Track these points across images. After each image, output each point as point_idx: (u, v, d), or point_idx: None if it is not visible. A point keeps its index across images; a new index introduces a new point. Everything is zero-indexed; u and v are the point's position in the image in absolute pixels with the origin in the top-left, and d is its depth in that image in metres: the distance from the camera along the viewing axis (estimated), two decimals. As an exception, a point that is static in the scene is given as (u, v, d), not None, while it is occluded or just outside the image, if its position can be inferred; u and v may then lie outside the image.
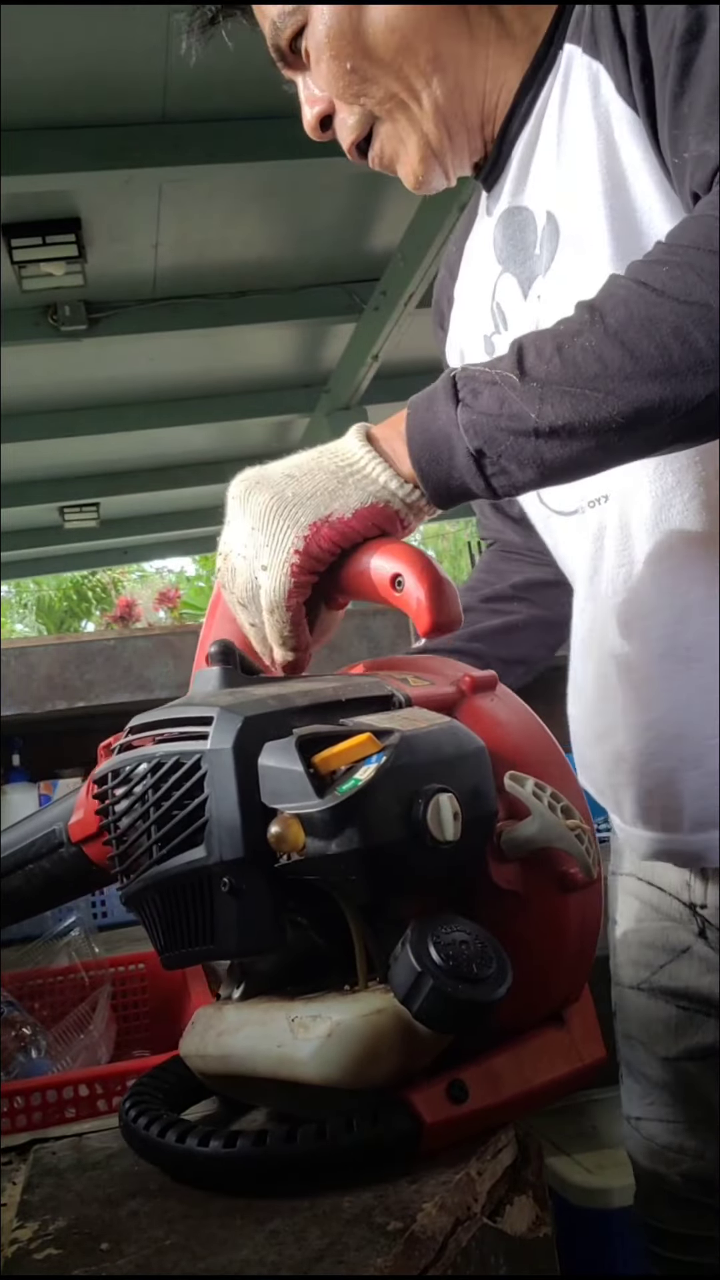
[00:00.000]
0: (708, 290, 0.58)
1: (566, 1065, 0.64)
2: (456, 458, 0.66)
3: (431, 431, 0.67)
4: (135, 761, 0.63)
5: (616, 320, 0.60)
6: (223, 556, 0.73)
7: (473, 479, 0.66)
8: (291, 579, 0.68)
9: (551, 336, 0.64)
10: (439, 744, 0.59)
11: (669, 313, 0.59)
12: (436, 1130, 0.57)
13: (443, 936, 0.55)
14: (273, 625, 0.70)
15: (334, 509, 0.68)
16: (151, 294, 4.95)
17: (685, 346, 0.58)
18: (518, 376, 0.63)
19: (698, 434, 0.64)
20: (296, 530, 0.68)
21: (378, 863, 0.55)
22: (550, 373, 0.62)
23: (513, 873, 0.62)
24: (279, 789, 0.56)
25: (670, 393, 0.59)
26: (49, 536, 8.36)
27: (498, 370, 0.64)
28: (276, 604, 0.69)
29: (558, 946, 0.63)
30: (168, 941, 0.63)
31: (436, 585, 0.67)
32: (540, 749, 0.67)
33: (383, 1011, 0.56)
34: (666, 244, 0.63)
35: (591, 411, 0.61)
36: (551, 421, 0.62)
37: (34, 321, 4.88)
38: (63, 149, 3.60)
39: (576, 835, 0.61)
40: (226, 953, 0.61)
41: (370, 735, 0.56)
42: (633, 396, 0.60)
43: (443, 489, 0.68)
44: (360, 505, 0.68)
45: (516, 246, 0.87)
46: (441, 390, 0.67)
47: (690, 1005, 0.92)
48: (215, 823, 0.58)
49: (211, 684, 0.67)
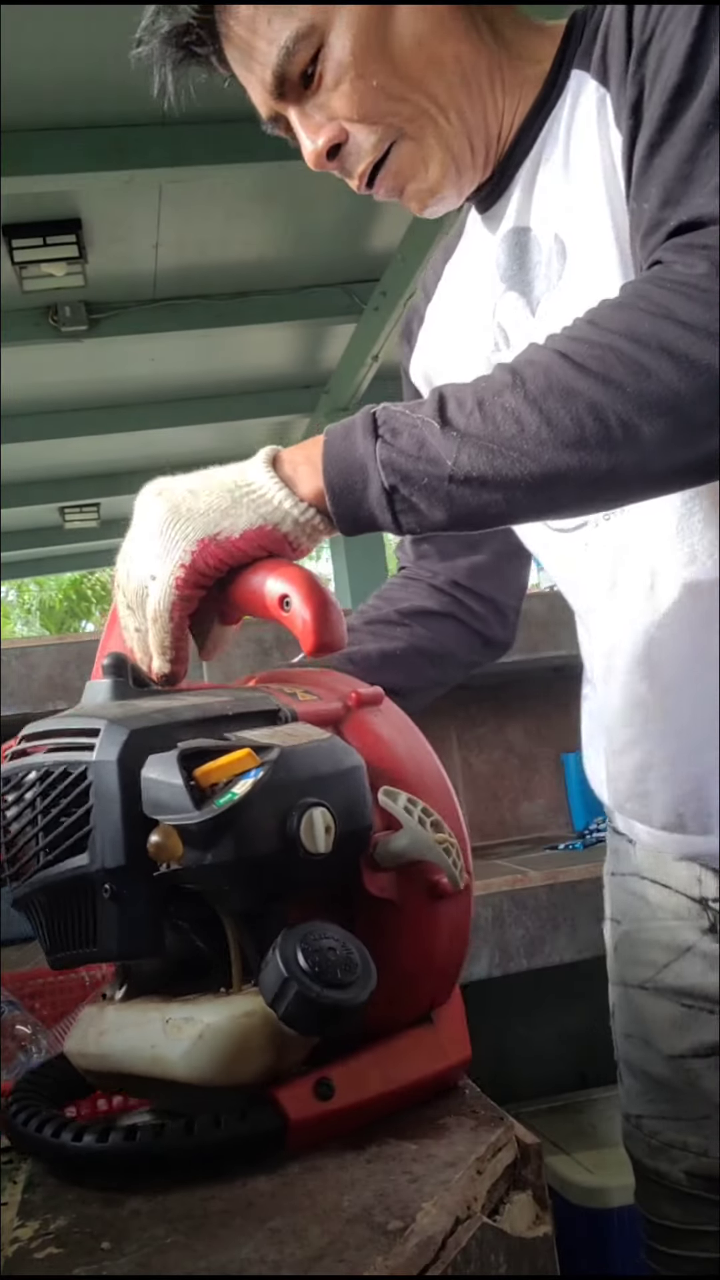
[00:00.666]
0: (625, 374, 0.62)
1: (432, 1064, 0.67)
2: (370, 490, 0.68)
3: (348, 461, 0.69)
4: (26, 769, 0.65)
5: (536, 387, 0.64)
6: (120, 560, 0.74)
7: (381, 513, 0.69)
8: (176, 591, 0.70)
9: (472, 391, 0.66)
10: (316, 760, 0.61)
11: (586, 388, 0.62)
12: (302, 1126, 0.59)
13: (310, 943, 0.58)
14: (155, 634, 0.72)
15: (223, 527, 0.70)
16: (152, 295, 4.96)
17: (598, 422, 0.62)
18: (438, 423, 0.66)
19: (596, 502, 0.69)
20: (186, 544, 0.70)
21: (252, 873, 0.59)
22: (469, 425, 0.65)
23: (387, 882, 0.65)
24: (160, 801, 0.59)
25: (578, 462, 0.63)
26: (50, 536, 8.38)
27: (418, 415, 0.67)
28: (160, 614, 0.71)
29: (429, 951, 0.67)
30: (53, 944, 0.65)
31: (322, 607, 0.70)
32: (419, 764, 0.70)
33: (252, 1014, 0.59)
34: (591, 322, 0.65)
35: (505, 468, 0.64)
36: (467, 471, 0.65)
37: (34, 322, 4.89)
38: (63, 150, 3.61)
39: (444, 848, 0.64)
40: (108, 956, 0.63)
41: (249, 750, 0.59)
42: (545, 461, 0.63)
43: (350, 518, 0.70)
44: (249, 526, 0.70)
45: (522, 266, 0.87)
46: (360, 425, 0.69)
47: (694, 1003, 0.93)
48: (99, 831, 0.60)
49: (102, 696, 0.69)
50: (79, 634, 2.88)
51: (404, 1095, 0.65)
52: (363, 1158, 0.59)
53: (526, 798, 2.24)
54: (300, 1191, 0.55)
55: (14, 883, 0.66)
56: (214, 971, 0.65)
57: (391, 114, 0.80)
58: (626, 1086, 1.03)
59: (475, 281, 0.94)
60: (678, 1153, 0.97)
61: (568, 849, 1.95)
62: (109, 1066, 0.65)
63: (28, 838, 0.64)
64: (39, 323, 4.90)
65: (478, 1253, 0.53)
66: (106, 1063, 0.65)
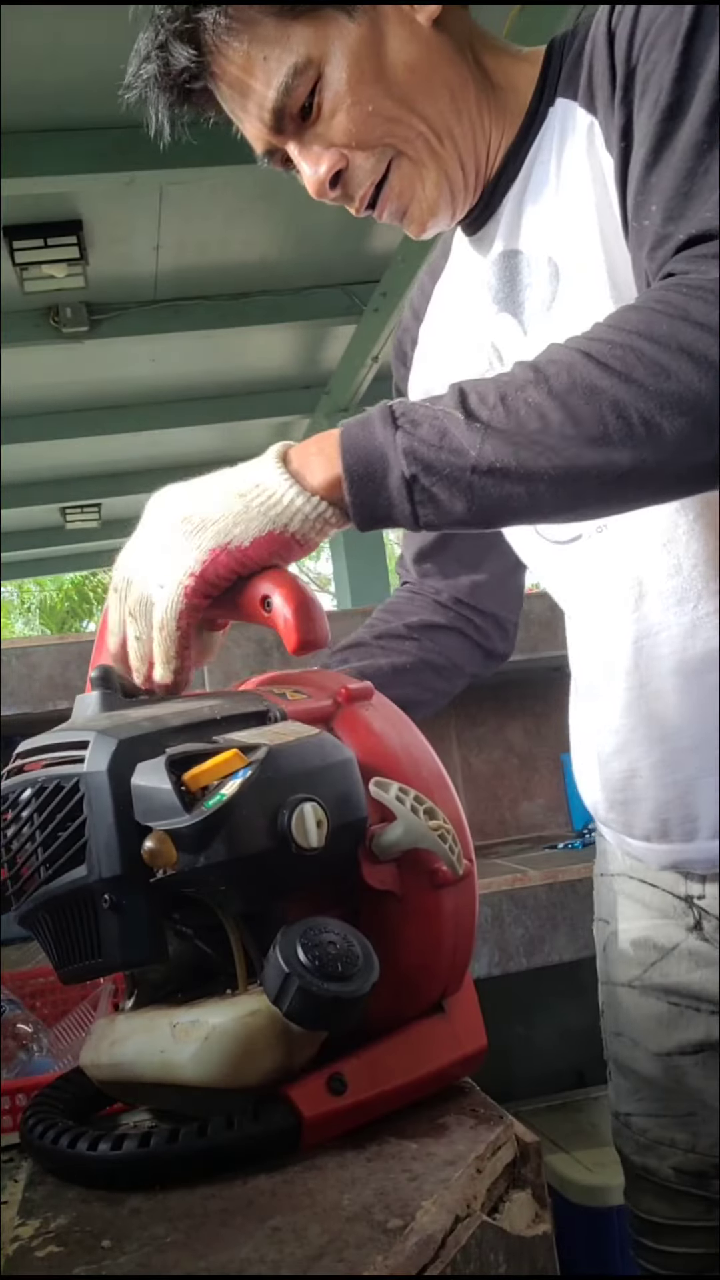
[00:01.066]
0: (646, 373, 0.63)
1: (447, 1055, 0.67)
2: (390, 478, 0.67)
3: (368, 449, 0.68)
4: (21, 787, 0.65)
5: (560, 384, 0.65)
6: (121, 566, 0.74)
7: (401, 503, 0.68)
8: (185, 600, 0.70)
9: (494, 385, 0.67)
10: (305, 756, 0.62)
11: (609, 386, 0.64)
12: (317, 1123, 0.59)
13: (310, 938, 0.58)
14: (160, 643, 0.72)
15: (234, 535, 0.69)
16: (153, 296, 4.96)
17: (620, 420, 0.63)
18: (461, 414, 0.66)
19: (616, 500, 0.69)
20: (198, 554, 0.70)
21: (246, 872, 0.59)
22: (493, 418, 0.65)
23: (387, 874, 0.65)
24: (151, 807, 0.59)
25: (601, 459, 0.64)
26: (51, 537, 8.38)
27: (439, 407, 0.67)
28: (167, 622, 0.71)
29: (435, 940, 0.67)
30: (60, 958, 0.65)
31: (303, 606, 0.70)
32: (412, 755, 0.70)
33: (257, 1013, 0.59)
34: (610, 324, 0.67)
35: (529, 460, 0.64)
36: (491, 461, 0.65)
37: (35, 323, 4.89)
38: (64, 151, 3.61)
39: (440, 835, 0.64)
40: (113, 966, 0.63)
41: (237, 751, 0.59)
42: (569, 455, 0.64)
43: (367, 507, 0.69)
44: (259, 534, 0.69)
45: (514, 288, 0.89)
46: (378, 416, 0.69)
47: (681, 1001, 0.95)
48: (94, 842, 0.60)
49: (91, 708, 0.70)
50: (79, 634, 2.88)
51: (418, 1087, 0.65)
52: (363, 1156, 0.59)
53: (526, 797, 2.24)
54: (300, 1190, 0.55)
55: (17, 900, 0.66)
56: (221, 974, 0.65)
57: (388, 136, 0.83)
58: (615, 1084, 1.04)
59: (466, 303, 0.96)
60: (666, 1149, 0.98)
61: (567, 848, 1.96)
62: (121, 1075, 0.65)
63: (27, 855, 0.64)
64: (40, 324, 4.90)
65: (477, 1251, 0.53)
66: (119, 1071, 0.65)
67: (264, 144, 0.85)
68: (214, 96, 0.84)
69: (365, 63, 0.80)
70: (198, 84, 0.83)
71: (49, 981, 1.13)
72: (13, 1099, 0.74)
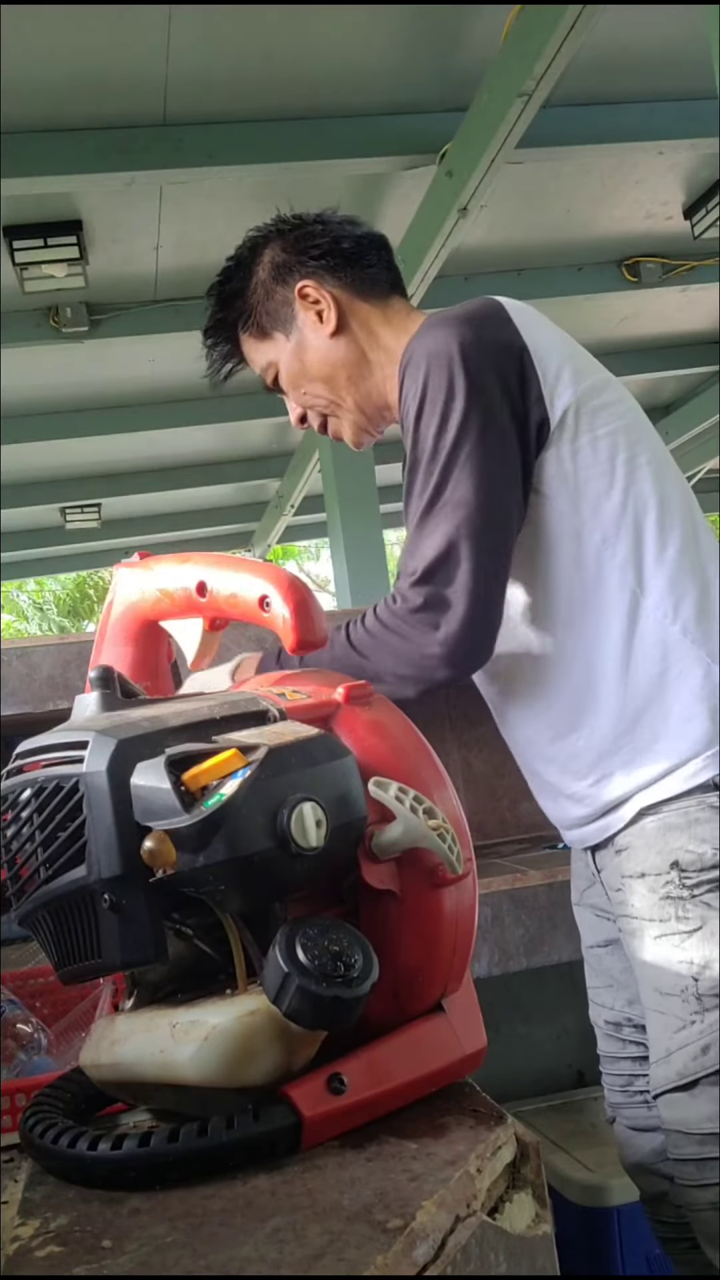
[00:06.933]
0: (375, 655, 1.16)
1: (447, 1054, 0.67)
2: None
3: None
4: (21, 787, 0.65)
5: (355, 654, 1.17)
6: None
7: None
8: None
9: (357, 629, 1.19)
10: (305, 755, 0.62)
11: (360, 660, 1.16)
12: (317, 1123, 0.59)
13: (309, 938, 0.59)
14: None
15: None
16: (153, 296, 4.95)
17: (363, 672, 1.09)
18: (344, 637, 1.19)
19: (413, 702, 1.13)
20: None
21: (246, 872, 0.59)
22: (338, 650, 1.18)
23: (386, 873, 0.66)
24: (150, 807, 0.59)
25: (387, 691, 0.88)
26: (51, 537, 8.37)
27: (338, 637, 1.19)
28: None
29: (435, 939, 0.67)
30: (60, 958, 0.66)
31: (302, 605, 0.72)
32: (411, 754, 0.71)
33: (256, 1013, 0.59)
34: (366, 623, 1.18)
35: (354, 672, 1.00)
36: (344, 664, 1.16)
37: (35, 323, 4.88)
38: (64, 151, 3.60)
39: (439, 835, 0.65)
40: (113, 966, 0.64)
41: (236, 751, 0.60)
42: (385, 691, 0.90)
43: None
44: None
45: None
46: None
47: (600, 914, 1.36)
48: (94, 842, 0.61)
49: (91, 708, 0.70)
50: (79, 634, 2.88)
51: (418, 1087, 0.65)
52: (363, 1156, 0.59)
53: (526, 797, 2.22)
54: (300, 1190, 0.55)
55: (17, 900, 0.67)
56: (220, 975, 0.65)
57: (315, 404, 1.36)
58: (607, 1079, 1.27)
59: None
60: (599, 1008, 1.38)
61: (567, 848, 1.95)
62: (121, 1075, 0.65)
63: (28, 855, 0.64)
64: (40, 324, 4.89)
65: (477, 1251, 0.53)
66: (119, 1071, 0.65)
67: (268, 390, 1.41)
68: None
69: (294, 364, 1.33)
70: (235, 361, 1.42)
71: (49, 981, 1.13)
72: (13, 1099, 0.74)
